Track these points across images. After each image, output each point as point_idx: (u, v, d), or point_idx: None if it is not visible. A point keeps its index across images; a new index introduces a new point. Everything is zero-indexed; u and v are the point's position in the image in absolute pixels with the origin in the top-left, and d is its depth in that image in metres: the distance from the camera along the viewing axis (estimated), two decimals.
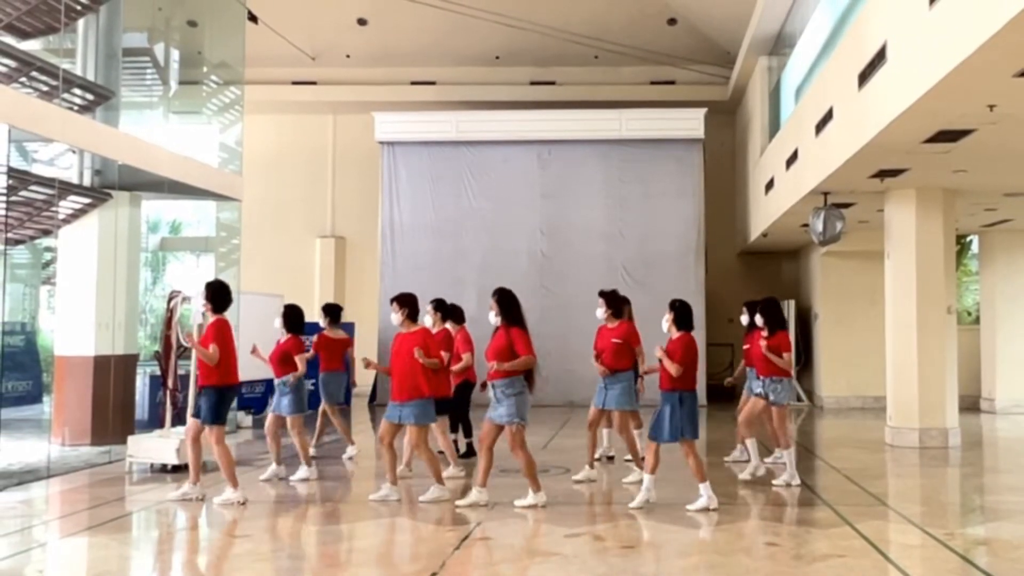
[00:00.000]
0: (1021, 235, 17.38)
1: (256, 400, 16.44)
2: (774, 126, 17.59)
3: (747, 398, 10.53)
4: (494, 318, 8.66)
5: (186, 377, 11.06)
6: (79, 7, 12.18)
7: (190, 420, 9.00)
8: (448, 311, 10.93)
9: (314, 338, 11.75)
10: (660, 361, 8.40)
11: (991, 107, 8.46)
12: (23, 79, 11.21)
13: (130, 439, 10.79)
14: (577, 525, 7.85)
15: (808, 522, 8.07)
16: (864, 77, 10.02)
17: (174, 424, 10.95)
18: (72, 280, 12.95)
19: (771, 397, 9.74)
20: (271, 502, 9.20)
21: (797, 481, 9.59)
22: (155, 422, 12.68)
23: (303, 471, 10.04)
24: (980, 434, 14.57)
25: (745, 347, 10.82)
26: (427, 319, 10.46)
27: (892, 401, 13.02)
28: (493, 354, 8.46)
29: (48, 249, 15.72)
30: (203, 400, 8.73)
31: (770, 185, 16.57)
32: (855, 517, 8.00)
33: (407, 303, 8.95)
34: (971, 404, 17.17)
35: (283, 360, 10.08)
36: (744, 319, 10.84)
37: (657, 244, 19.01)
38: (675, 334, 8.51)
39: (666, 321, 8.62)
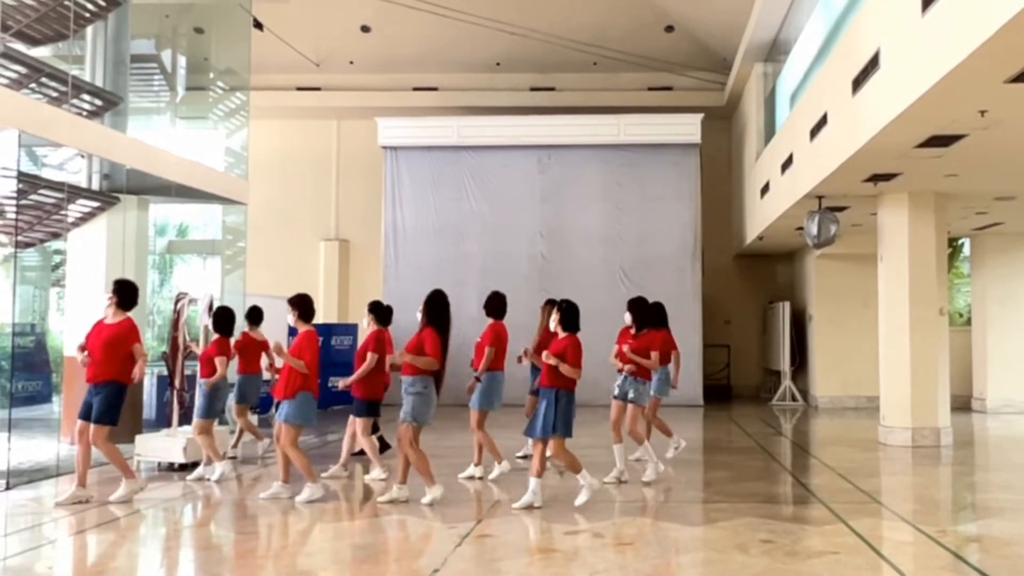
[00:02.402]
0: (1012, 238, 17.52)
1: (261, 400, 16.52)
2: (769, 131, 17.72)
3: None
4: (419, 316, 8.81)
5: (192, 377, 11.22)
6: (88, 14, 12.25)
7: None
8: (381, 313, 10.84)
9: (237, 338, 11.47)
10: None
11: (982, 112, 8.55)
12: (33, 85, 11.29)
13: (138, 438, 10.93)
14: (576, 522, 7.92)
15: (802, 519, 8.12)
16: (858, 83, 10.12)
17: (181, 423, 11.08)
18: (81, 282, 13.05)
19: (630, 395, 9.81)
20: (276, 500, 9.33)
21: (627, 477, 9.64)
22: (162, 421, 12.75)
23: (210, 470, 10.12)
24: (971, 433, 14.69)
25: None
26: (363, 321, 10.62)
27: (885, 401, 13.16)
28: (409, 351, 8.62)
29: (57, 252, 15.80)
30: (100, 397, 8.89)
31: (765, 189, 16.69)
32: (849, 515, 8.07)
33: (297, 304, 9.17)
34: (963, 404, 17.31)
35: (207, 362, 10.34)
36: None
37: (655, 247, 19.16)
38: (562, 334, 8.53)
39: (554, 321, 8.65)
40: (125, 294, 9.02)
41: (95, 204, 12.87)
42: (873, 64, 9.58)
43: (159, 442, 10.73)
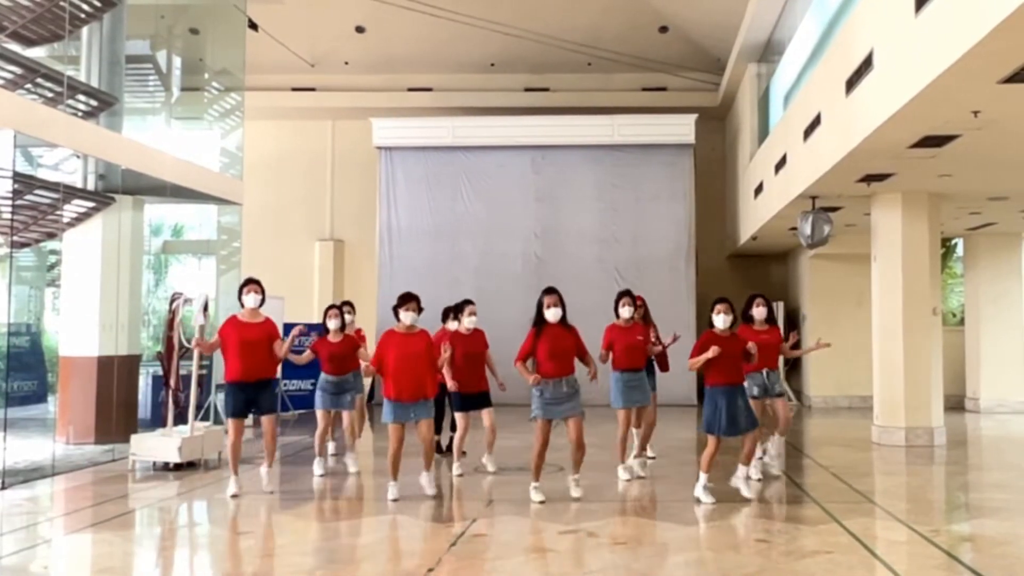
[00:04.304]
0: (1005, 238, 17.56)
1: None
2: (763, 132, 17.74)
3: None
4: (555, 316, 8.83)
5: (188, 377, 11.24)
6: (83, 15, 12.26)
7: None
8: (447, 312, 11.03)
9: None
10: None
11: (975, 113, 8.54)
12: (28, 85, 11.30)
13: (133, 438, 10.92)
14: (571, 522, 7.93)
15: (797, 519, 8.13)
16: (851, 84, 10.13)
17: (176, 423, 11.11)
18: (76, 282, 13.09)
19: (778, 389, 10.26)
20: (272, 499, 9.35)
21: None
22: (158, 421, 12.82)
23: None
24: (965, 433, 14.72)
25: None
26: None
27: (879, 400, 13.18)
28: (566, 352, 8.72)
29: (53, 252, 15.82)
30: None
31: (759, 189, 16.72)
32: (843, 514, 8.09)
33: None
34: (956, 403, 17.34)
35: (346, 359, 10.43)
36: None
37: (649, 247, 19.21)
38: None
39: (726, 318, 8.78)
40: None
41: (90, 204, 12.88)
42: (867, 64, 9.60)
43: (154, 442, 10.72)
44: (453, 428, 11.29)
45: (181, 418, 11.24)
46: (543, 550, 7.09)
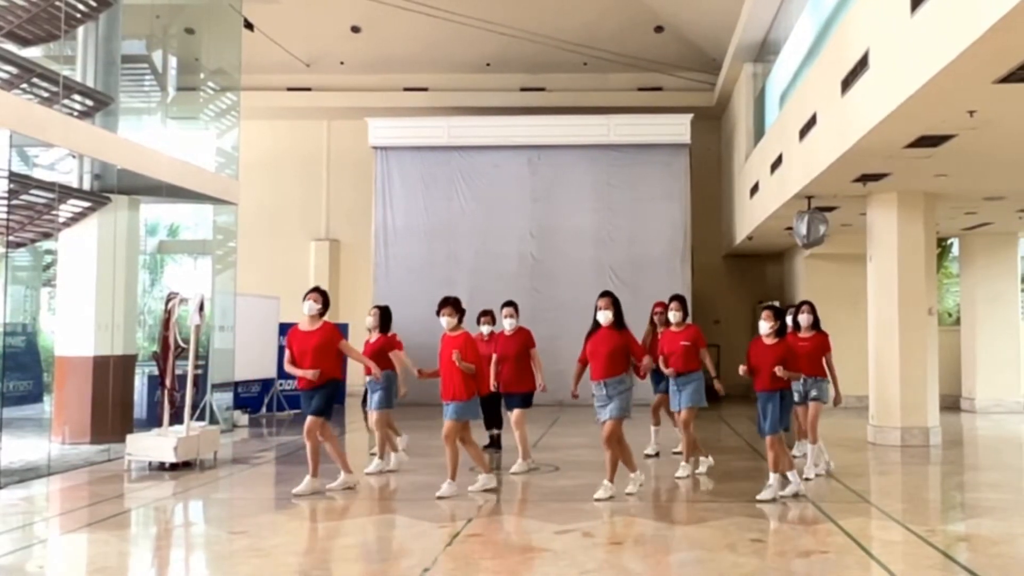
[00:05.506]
0: (1001, 238, 17.60)
1: (252, 400, 16.59)
2: (759, 131, 17.75)
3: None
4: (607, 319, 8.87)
5: (183, 377, 11.22)
6: (79, 15, 12.24)
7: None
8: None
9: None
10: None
11: (971, 113, 8.57)
12: (24, 85, 11.29)
13: (129, 438, 10.92)
14: (567, 522, 7.91)
15: (792, 519, 8.15)
16: (847, 83, 10.15)
17: (172, 423, 11.08)
18: (72, 282, 13.06)
19: (813, 394, 10.61)
20: (268, 499, 9.35)
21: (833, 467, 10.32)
22: (153, 421, 12.80)
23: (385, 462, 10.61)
24: (960, 433, 14.76)
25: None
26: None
27: (874, 400, 13.22)
28: (606, 355, 8.74)
29: (48, 252, 15.81)
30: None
31: (755, 189, 16.73)
32: (838, 514, 8.10)
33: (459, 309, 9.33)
34: (952, 403, 17.38)
35: (375, 358, 10.38)
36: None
37: (644, 247, 19.23)
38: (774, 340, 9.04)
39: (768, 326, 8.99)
40: (326, 300, 9.50)
41: (86, 204, 12.86)
42: (862, 64, 9.62)
43: (150, 442, 10.72)
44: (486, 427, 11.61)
45: (177, 418, 11.21)
46: (539, 550, 7.06)
